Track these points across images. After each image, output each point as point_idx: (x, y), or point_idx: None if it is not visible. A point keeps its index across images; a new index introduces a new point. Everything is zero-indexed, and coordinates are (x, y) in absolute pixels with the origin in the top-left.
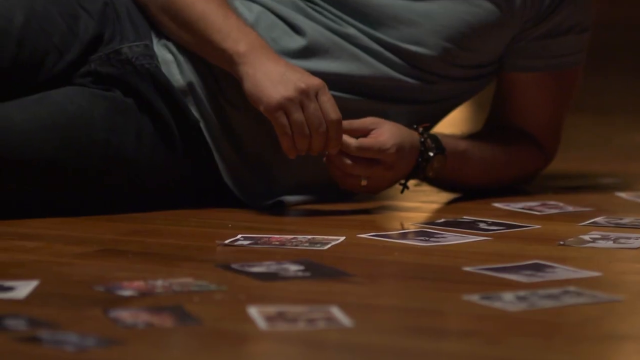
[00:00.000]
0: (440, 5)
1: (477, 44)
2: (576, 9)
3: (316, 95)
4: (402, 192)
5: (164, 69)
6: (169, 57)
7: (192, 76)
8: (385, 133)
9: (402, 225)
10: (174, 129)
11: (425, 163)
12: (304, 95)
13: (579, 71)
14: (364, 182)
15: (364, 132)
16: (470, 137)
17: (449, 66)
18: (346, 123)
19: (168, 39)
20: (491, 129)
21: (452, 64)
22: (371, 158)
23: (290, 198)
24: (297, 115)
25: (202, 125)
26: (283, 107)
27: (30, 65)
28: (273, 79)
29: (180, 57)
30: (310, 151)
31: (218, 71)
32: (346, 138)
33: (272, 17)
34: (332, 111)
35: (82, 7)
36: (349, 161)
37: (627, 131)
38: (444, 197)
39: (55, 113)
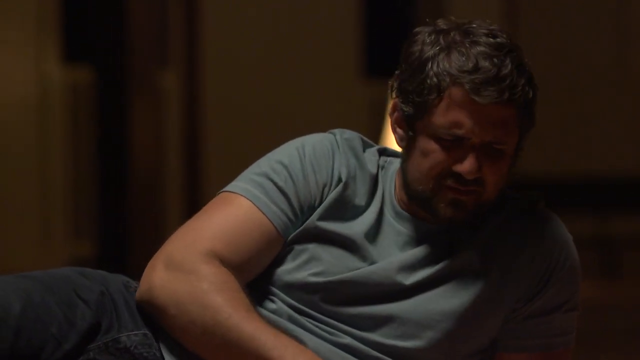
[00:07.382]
0: (430, 299)
1: (472, 331)
2: (564, 287)
3: None
4: None
5: (165, 356)
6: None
7: None
8: None
9: None
10: None
11: None
12: None
13: (568, 353)
14: None
15: None
16: None
17: (443, 358)
18: None
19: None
20: None
21: (447, 356)
22: None
23: None
24: None
25: None
26: None
27: (28, 355)
28: None
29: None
30: None
31: None
32: None
33: None
34: None
35: (79, 297)
36: None
37: None
38: None
39: None
